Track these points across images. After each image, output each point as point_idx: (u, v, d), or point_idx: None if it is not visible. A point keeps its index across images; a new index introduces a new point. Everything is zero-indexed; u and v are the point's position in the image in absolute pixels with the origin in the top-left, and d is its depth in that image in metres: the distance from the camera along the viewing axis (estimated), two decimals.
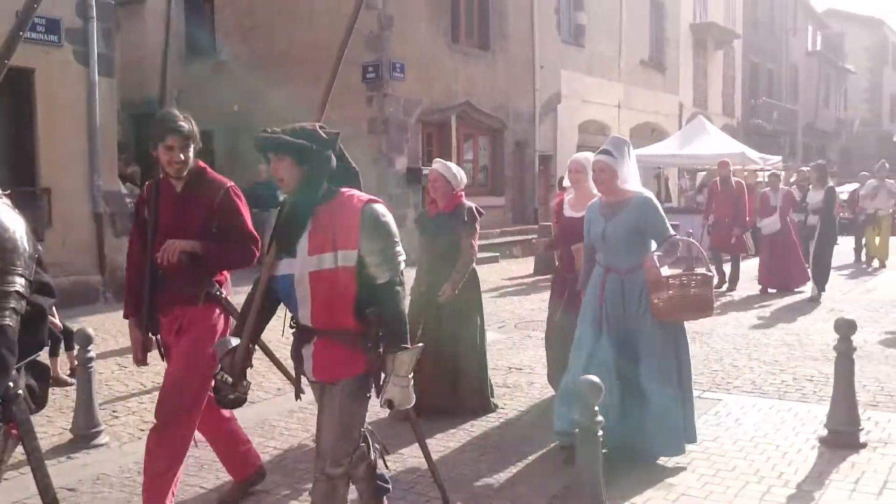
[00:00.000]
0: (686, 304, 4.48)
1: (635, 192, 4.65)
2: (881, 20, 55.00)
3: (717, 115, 29.88)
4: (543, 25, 20.32)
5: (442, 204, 5.75)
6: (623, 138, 4.85)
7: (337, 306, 3.02)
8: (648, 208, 4.62)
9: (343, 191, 3.09)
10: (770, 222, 12.13)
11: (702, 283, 4.55)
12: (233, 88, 17.36)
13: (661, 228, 4.62)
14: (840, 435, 4.98)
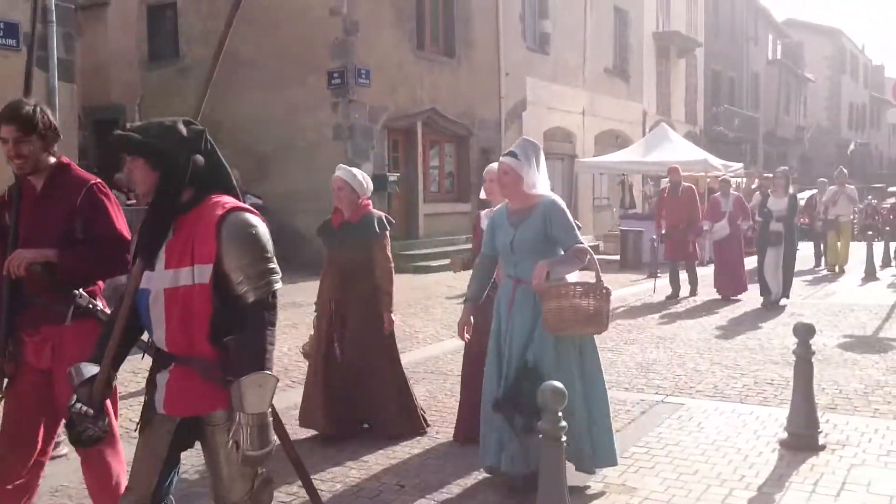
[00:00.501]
0: (577, 316, 4.07)
1: (542, 196, 4.36)
2: (839, 30, 56.20)
3: (679, 123, 30.25)
4: (508, 33, 20.43)
5: (347, 213, 5.38)
6: (533, 141, 4.53)
7: (194, 330, 2.63)
8: (554, 211, 4.30)
9: (211, 196, 2.72)
10: (720, 227, 12.09)
11: (596, 294, 4.10)
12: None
13: (567, 234, 4.29)
14: (799, 438, 5.06)
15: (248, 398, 2.51)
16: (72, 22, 11.25)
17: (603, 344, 8.59)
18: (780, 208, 11.04)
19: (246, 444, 2.53)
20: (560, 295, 4.06)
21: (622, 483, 4.54)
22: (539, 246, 4.27)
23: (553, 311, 4.05)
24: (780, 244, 11.04)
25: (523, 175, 4.31)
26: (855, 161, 53.48)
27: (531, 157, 4.35)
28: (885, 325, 9.67)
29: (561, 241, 4.29)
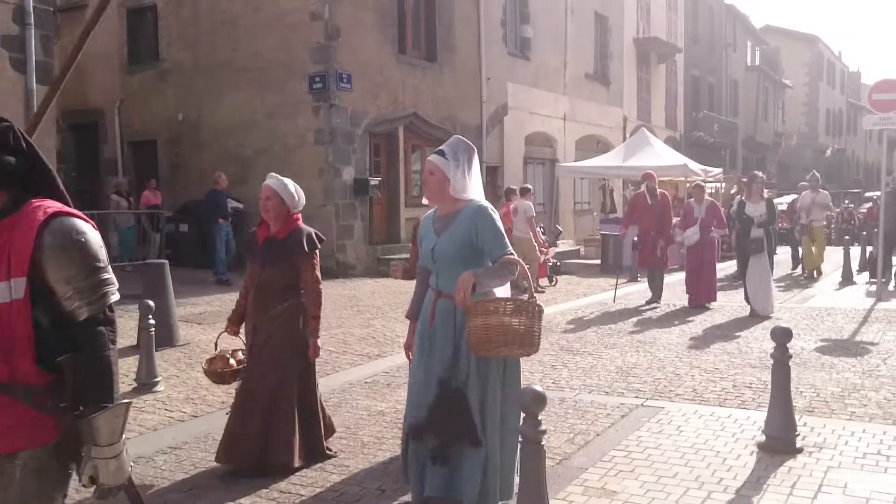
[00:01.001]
0: (505, 336, 3.57)
1: (468, 200, 3.92)
2: (816, 36, 56.84)
3: (660, 128, 30.44)
4: (490, 38, 20.50)
5: (274, 227, 4.84)
6: (466, 141, 4.07)
7: (14, 351, 2.30)
8: (482, 217, 3.84)
9: (32, 201, 2.38)
10: (690, 234, 11.66)
11: (528, 311, 3.63)
12: (177, 97, 17.14)
13: (495, 244, 3.81)
14: (777, 441, 5.10)
15: (102, 432, 2.31)
16: (50, 24, 11.19)
17: (583, 348, 8.68)
18: (759, 213, 10.70)
19: (103, 476, 2.33)
20: (487, 311, 3.58)
21: (602, 486, 4.56)
22: (463, 256, 3.85)
23: (478, 330, 3.57)
24: (762, 251, 10.67)
25: (450, 177, 3.90)
26: (832, 166, 54.12)
27: (461, 158, 3.94)
28: (861, 328, 9.78)
29: (488, 250, 3.83)
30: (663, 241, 11.82)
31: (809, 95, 56.11)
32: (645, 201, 12.05)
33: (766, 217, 10.69)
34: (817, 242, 15.90)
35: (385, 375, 7.52)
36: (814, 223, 15.76)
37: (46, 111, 2.87)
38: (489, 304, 3.61)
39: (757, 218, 10.67)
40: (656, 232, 11.78)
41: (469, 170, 3.97)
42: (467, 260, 3.83)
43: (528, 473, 3.43)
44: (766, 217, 10.69)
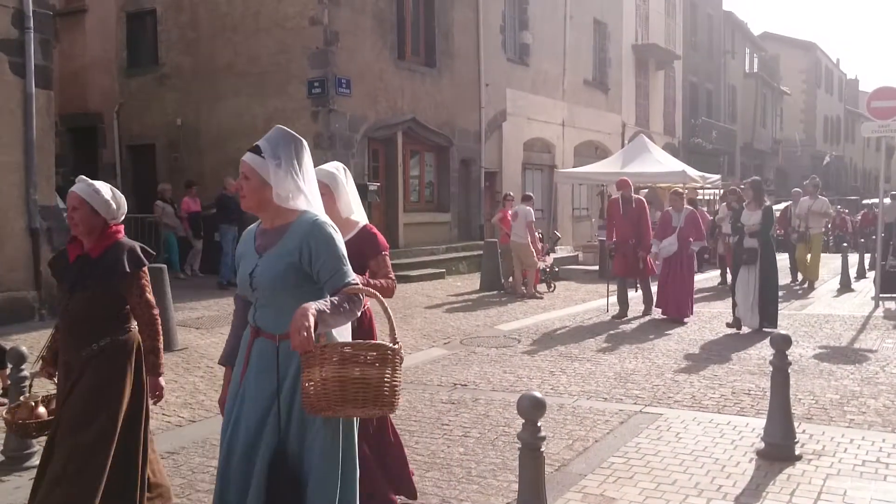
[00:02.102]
0: (355, 392, 2.75)
1: (300, 212, 3.03)
2: (814, 43, 56.99)
3: (658, 134, 30.49)
4: (489, 44, 20.53)
5: (88, 243, 3.84)
6: (290, 133, 3.11)
7: None
8: (316, 235, 2.95)
9: None
10: (667, 244, 11.05)
11: (385, 359, 2.80)
12: (176, 101, 17.14)
13: (335, 270, 2.95)
14: (776, 448, 5.10)
15: None
16: (49, 28, 11.17)
17: (582, 354, 8.68)
18: (752, 222, 9.99)
19: None
20: (329, 360, 2.73)
21: (601, 493, 4.55)
22: (288, 283, 2.96)
23: (318, 385, 2.72)
24: (755, 262, 9.93)
25: (271, 180, 2.99)
26: (830, 173, 54.21)
27: (283, 155, 3.03)
28: (859, 335, 9.79)
29: (326, 279, 2.95)
30: (643, 252, 11.25)
31: (807, 102, 56.22)
32: (618, 209, 11.51)
33: (760, 226, 9.93)
34: (814, 251, 15.47)
35: None
36: (811, 231, 15.37)
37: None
38: (332, 352, 2.74)
39: (749, 227, 10.01)
40: (635, 241, 11.27)
41: (299, 169, 3.06)
42: (295, 289, 2.95)
43: (526, 480, 3.43)
44: (760, 226, 9.93)
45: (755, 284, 9.92)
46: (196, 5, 16.86)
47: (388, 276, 4.07)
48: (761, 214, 9.98)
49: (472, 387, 7.28)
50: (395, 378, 2.84)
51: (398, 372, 2.85)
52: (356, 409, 2.79)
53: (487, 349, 9.08)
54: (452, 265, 17.53)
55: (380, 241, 4.12)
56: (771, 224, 10.14)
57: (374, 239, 4.11)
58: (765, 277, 9.92)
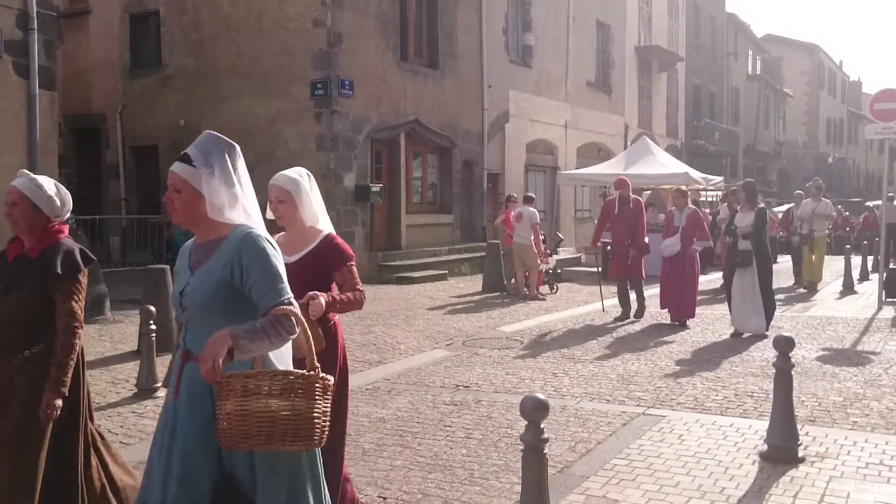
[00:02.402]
0: (271, 426, 2.49)
1: (235, 226, 2.77)
2: (817, 45, 56.96)
3: (661, 136, 30.48)
4: (492, 45, 20.53)
5: (28, 243, 3.59)
6: (221, 138, 2.86)
7: None
8: (249, 250, 2.71)
9: None
10: (671, 243, 10.79)
11: (305, 389, 2.54)
12: (179, 103, 17.17)
13: (267, 287, 2.68)
14: (779, 450, 5.09)
15: None
16: (53, 29, 11.21)
17: (584, 356, 8.67)
18: (745, 224, 9.74)
19: None
20: (245, 391, 2.50)
21: (604, 495, 4.55)
22: (220, 302, 2.71)
23: (233, 417, 2.48)
24: (749, 265, 9.68)
25: (204, 191, 2.74)
26: (833, 175, 54.19)
27: (217, 163, 2.78)
28: (862, 338, 9.77)
29: (258, 297, 2.69)
30: (634, 251, 11.11)
31: (810, 104, 56.20)
32: (614, 209, 11.35)
33: (752, 228, 9.67)
34: (818, 253, 15.32)
35: (386, 382, 7.51)
36: (815, 233, 15.23)
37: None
38: (248, 381, 2.51)
39: (741, 228, 9.77)
40: (630, 241, 11.15)
41: (234, 178, 2.81)
42: (227, 309, 2.70)
43: (529, 481, 3.43)
44: (752, 228, 9.67)
45: (751, 288, 9.68)
46: (199, 7, 16.89)
47: (356, 287, 3.80)
48: (754, 216, 9.74)
49: (475, 388, 7.27)
50: (313, 409, 2.53)
51: (316, 402, 2.54)
52: (265, 443, 2.51)
53: (490, 351, 9.08)
54: (455, 266, 17.54)
55: (345, 251, 3.82)
56: (764, 226, 9.90)
57: (338, 249, 3.79)
58: (762, 280, 9.69)
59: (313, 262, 3.72)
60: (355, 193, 15.90)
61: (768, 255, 10.05)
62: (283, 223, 3.74)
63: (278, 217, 3.71)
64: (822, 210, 15.35)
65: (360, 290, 3.84)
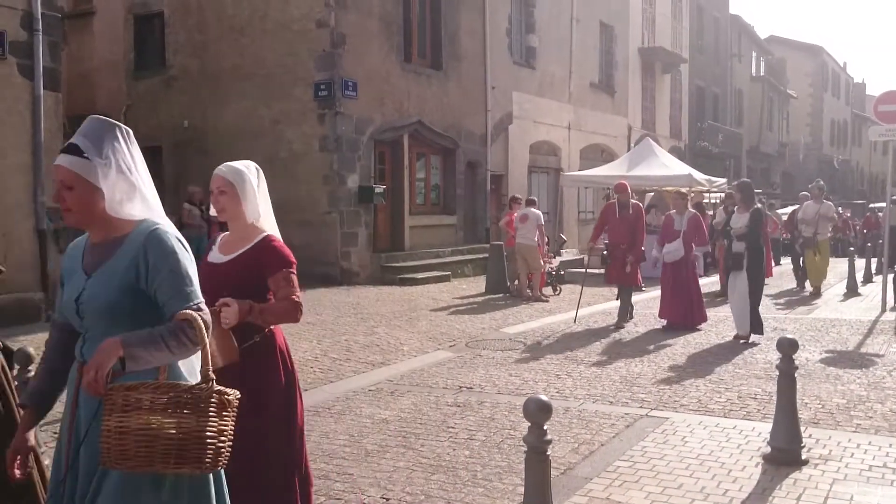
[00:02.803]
0: (153, 445, 2.19)
1: (138, 222, 2.47)
2: (821, 47, 56.87)
3: (664, 138, 30.45)
4: (495, 47, 20.53)
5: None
6: (108, 122, 2.53)
7: None
8: (155, 249, 2.41)
9: None
10: (673, 249, 10.59)
11: (190, 404, 2.24)
12: (183, 104, 17.20)
13: (174, 290, 2.40)
14: (782, 452, 5.09)
15: None
16: (58, 30, 11.22)
17: (587, 357, 8.67)
18: (740, 225, 9.54)
19: None
20: (126, 405, 2.22)
21: (606, 497, 4.54)
22: (123, 309, 2.41)
23: (114, 435, 2.21)
24: (741, 268, 9.47)
25: (101, 184, 2.42)
26: (836, 177, 54.12)
27: (111, 152, 2.45)
28: (866, 340, 9.76)
29: (164, 300, 2.41)
30: (632, 257, 10.86)
31: (814, 106, 56.11)
32: (614, 212, 11.19)
33: (747, 230, 9.44)
34: (822, 256, 15.11)
35: (389, 383, 7.52)
36: (819, 236, 15.02)
37: None
38: (128, 395, 2.22)
39: (736, 230, 9.57)
40: (626, 246, 10.91)
41: (132, 166, 2.49)
42: (131, 315, 2.41)
43: (532, 483, 3.43)
44: (747, 230, 9.44)
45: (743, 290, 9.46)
46: (203, 8, 16.92)
47: (292, 296, 3.31)
48: (749, 217, 9.51)
49: (478, 390, 7.27)
50: (205, 427, 2.22)
51: (210, 419, 2.24)
52: (148, 465, 2.22)
53: (493, 352, 9.08)
54: (458, 268, 17.54)
55: (283, 255, 3.37)
56: (759, 228, 9.65)
57: (276, 252, 3.37)
58: (752, 284, 9.43)
59: (246, 264, 3.34)
60: (358, 194, 15.90)
61: (762, 258, 9.78)
62: (224, 217, 3.42)
63: (219, 210, 3.40)
64: (826, 212, 15.24)
65: (297, 301, 3.32)
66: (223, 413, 2.29)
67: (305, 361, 8.29)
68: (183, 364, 2.47)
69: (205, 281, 3.16)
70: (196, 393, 2.25)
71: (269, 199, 3.52)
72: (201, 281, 2.70)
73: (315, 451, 5.43)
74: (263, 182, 3.50)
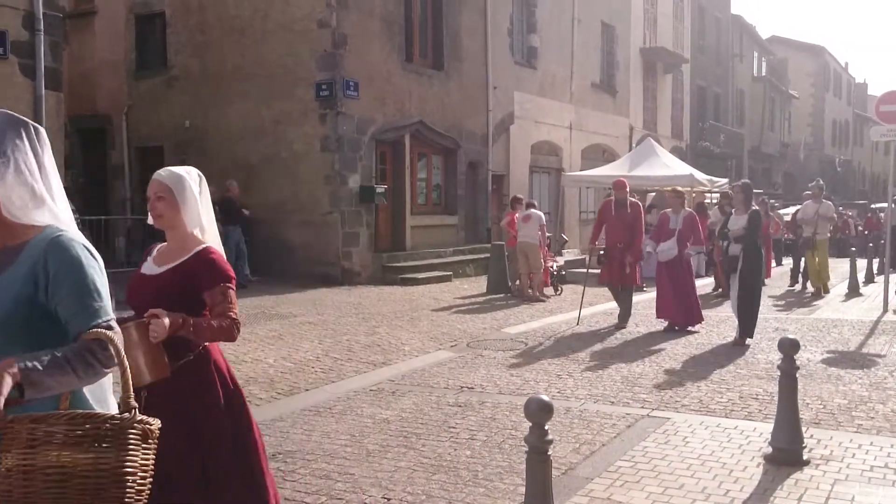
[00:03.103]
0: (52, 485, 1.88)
1: (41, 228, 2.17)
2: (822, 47, 56.83)
3: (666, 138, 30.44)
4: (497, 47, 20.53)
5: None
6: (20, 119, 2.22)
7: None
8: (56, 256, 2.12)
9: None
10: (667, 248, 10.40)
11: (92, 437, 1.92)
12: (184, 104, 17.20)
13: (80, 306, 2.11)
14: (784, 453, 5.08)
15: None
16: (59, 30, 11.23)
17: (588, 358, 8.66)
18: (738, 227, 9.36)
19: None
20: (32, 440, 1.90)
21: (608, 497, 4.54)
22: (17, 325, 2.11)
23: (14, 475, 1.89)
24: (735, 271, 9.34)
25: None
26: (838, 178, 54.08)
27: (12, 149, 2.15)
28: (867, 340, 9.75)
29: (64, 317, 2.12)
30: (631, 257, 10.62)
31: (815, 106, 56.08)
32: (611, 211, 10.92)
33: (745, 231, 9.24)
34: (821, 256, 14.98)
35: (390, 383, 7.51)
36: (818, 236, 14.91)
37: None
38: (35, 427, 1.91)
39: (734, 232, 9.38)
40: (624, 245, 10.64)
41: (35, 166, 2.20)
42: (33, 332, 2.12)
43: (533, 483, 3.43)
44: (745, 231, 9.24)
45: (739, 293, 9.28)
46: (205, 8, 16.92)
47: (229, 313, 3.03)
48: (747, 219, 9.31)
49: (479, 390, 7.27)
50: (124, 462, 1.94)
51: (129, 453, 1.95)
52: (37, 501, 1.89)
53: (494, 352, 9.08)
54: (459, 268, 17.54)
55: (221, 269, 3.11)
56: (757, 229, 9.41)
57: (213, 265, 3.11)
58: (743, 286, 9.24)
59: (179, 277, 3.08)
60: (360, 195, 15.90)
61: (760, 262, 9.63)
62: (161, 225, 3.19)
63: (156, 217, 3.17)
64: (825, 212, 15.13)
65: (234, 319, 3.04)
66: (145, 445, 2.01)
67: (307, 361, 8.29)
68: (89, 390, 2.16)
69: (134, 293, 3.13)
70: (117, 424, 1.95)
71: (211, 209, 3.26)
72: (130, 293, 2.52)
73: (316, 451, 5.44)
74: (206, 190, 3.24)
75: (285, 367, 8.01)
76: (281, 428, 5.99)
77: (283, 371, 7.85)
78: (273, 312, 11.35)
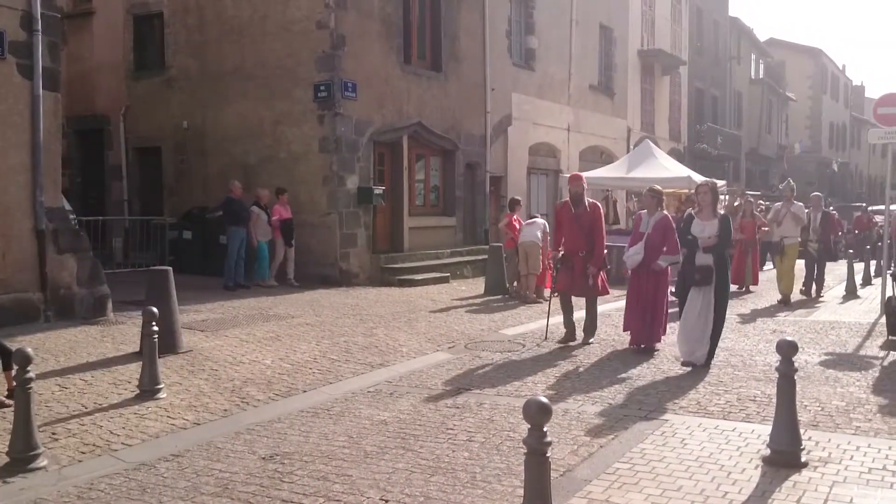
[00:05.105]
0: None
1: None
2: (820, 50, 56.93)
3: (663, 140, 30.45)
4: (495, 48, 20.53)
5: None
6: None
7: None
8: None
9: None
10: (632, 252, 9.03)
11: None
12: (182, 104, 17.18)
13: None
14: (782, 455, 5.08)
15: None
16: (57, 31, 11.20)
17: (587, 359, 8.66)
18: (707, 234, 8.21)
19: None
20: None
21: (606, 499, 4.54)
22: None
23: None
24: (710, 283, 8.16)
25: None
26: (835, 180, 54.14)
27: None
28: (865, 342, 9.76)
29: None
30: (593, 268, 9.38)
31: (813, 109, 56.16)
32: (569, 212, 9.56)
33: (717, 239, 8.18)
34: (788, 261, 13.88)
35: (388, 385, 7.51)
36: (786, 240, 13.96)
37: None
38: None
39: (703, 240, 8.22)
40: (586, 252, 9.42)
41: None
42: None
43: (532, 485, 3.42)
44: (717, 239, 8.18)
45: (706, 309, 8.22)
46: (203, 8, 16.91)
47: None
48: (718, 226, 8.25)
49: (477, 391, 7.27)
50: None
51: None
52: None
53: (492, 353, 9.07)
54: (457, 269, 17.52)
55: None
56: (729, 237, 8.48)
57: None
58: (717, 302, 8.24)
59: None
60: (358, 195, 15.89)
61: (727, 273, 8.50)
62: None
63: None
64: (796, 212, 14.04)
65: None
66: None
67: (304, 363, 8.28)
68: None
69: None
70: None
71: None
72: None
73: (314, 453, 5.43)
74: None
75: (283, 369, 8.00)
76: (278, 429, 5.98)
77: (280, 372, 7.84)
78: (271, 313, 11.34)
